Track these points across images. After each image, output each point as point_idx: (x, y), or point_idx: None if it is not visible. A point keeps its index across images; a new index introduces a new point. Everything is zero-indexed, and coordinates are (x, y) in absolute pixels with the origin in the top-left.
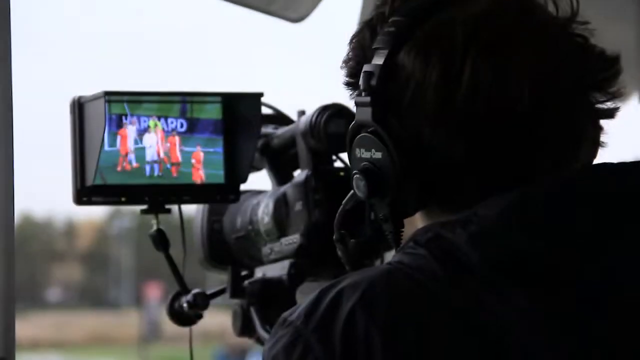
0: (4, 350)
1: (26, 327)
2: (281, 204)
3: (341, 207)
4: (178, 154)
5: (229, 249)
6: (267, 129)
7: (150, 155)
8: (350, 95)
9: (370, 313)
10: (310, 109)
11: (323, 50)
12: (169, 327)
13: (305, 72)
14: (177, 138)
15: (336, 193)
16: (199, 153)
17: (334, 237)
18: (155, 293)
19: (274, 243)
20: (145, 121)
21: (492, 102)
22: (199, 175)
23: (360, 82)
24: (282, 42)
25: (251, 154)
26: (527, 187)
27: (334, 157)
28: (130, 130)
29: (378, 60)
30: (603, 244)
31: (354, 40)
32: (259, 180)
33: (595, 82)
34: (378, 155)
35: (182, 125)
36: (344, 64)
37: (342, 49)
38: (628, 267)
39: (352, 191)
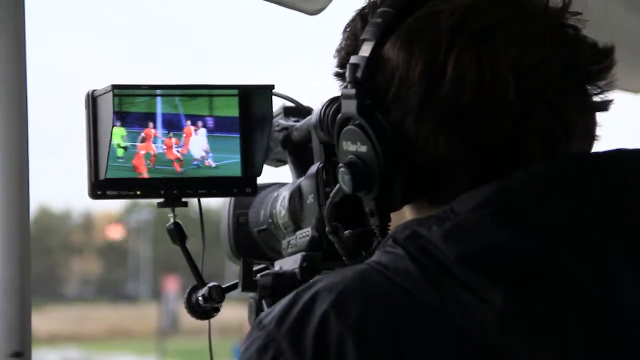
0: (20, 345)
1: (44, 320)
2: (296, 197)
3: (329, 199)
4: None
5: (254, 242)
6: (288, 122)
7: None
8: (340, 86)
9: (342, 317)
10: None
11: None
12: (188, 320)
13: (323, 65)
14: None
15: None
16: (170, 140)
17: (327, 229)
18: (173, 286)
19: (291, 236)
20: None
21: (476, 94)
22: (173, 155)
23: (347, 74)
24: (298, 35)
25: (264, 147)
26: (502, 180)
27: None
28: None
29: (364, 51)
30: (583, 237)
31: (347, 30)
32: (286, 173)
33: (585, 75)
34: (363, 148)
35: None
36: (336, 53)
37: None
38: (611, 262)
39: (338, 184)
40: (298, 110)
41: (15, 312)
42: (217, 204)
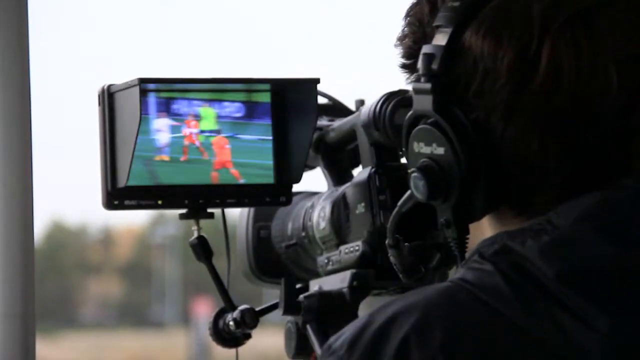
0: None
1: (57, 350)
2: (340, 207)
3: (397, 208)
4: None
5: (278, 260)
6: (321, 121)
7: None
8: (407, 79)
9: (425, 342)
10: (370, 97)
11: (380, 28)
12: (222, 349)
13: (362, 55)
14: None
15: (403, 194)
16: (220, 139)
17: (387, 242)
18: (204, 310)
19: (332, 252)
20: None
21: (574, 88)
22: (223, 163)
23: (419, 65)
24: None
25: (305, 150)
26: (607, 189)
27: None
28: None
29: (440, 40)
30: None
31: (410, 15)
32: (310, 180)
33: None
34: (440, 150)
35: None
36: (398, 42)
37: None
38: None
39: (409, 191)
40: (334, 108)
41: (17, 340)
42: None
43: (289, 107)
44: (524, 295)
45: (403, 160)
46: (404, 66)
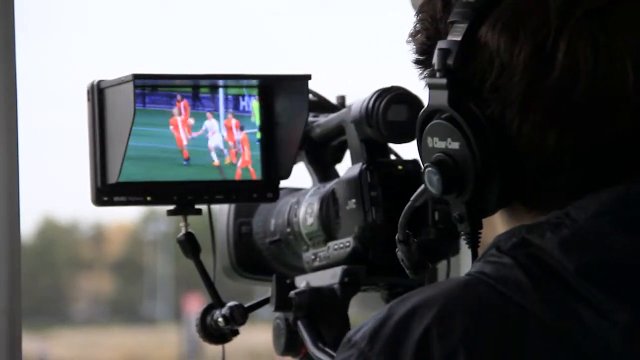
0: None
1: (50, 346)
2: (329, 203)
3: (409, 203)
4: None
5: (259, 256)
6: None
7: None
8: (420, 75)
9: (447, 334)
10: (352, 94)
11: (365, 26)
12: (213, 345)
13: (348, 52)
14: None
15: (394, 190)
16: (245, 137)
17: (397, 237)
18: (196, 306)
19: (319, 248)
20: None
21: (590, 84)
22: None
23: (435, 60)
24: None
25: (295, 146)
26: (627, 183)
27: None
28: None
29: (455, 35)
30: None
31: (422, 11)
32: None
33: None
34: (455, 145)
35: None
36: (410, 38)
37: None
38: None
39: (422, 186)
40: (318, 104)
41: (3, 336)
42: None
43: (278, 103)
44: (544, 288)
45: (392, 156)
46: (417, 62)
